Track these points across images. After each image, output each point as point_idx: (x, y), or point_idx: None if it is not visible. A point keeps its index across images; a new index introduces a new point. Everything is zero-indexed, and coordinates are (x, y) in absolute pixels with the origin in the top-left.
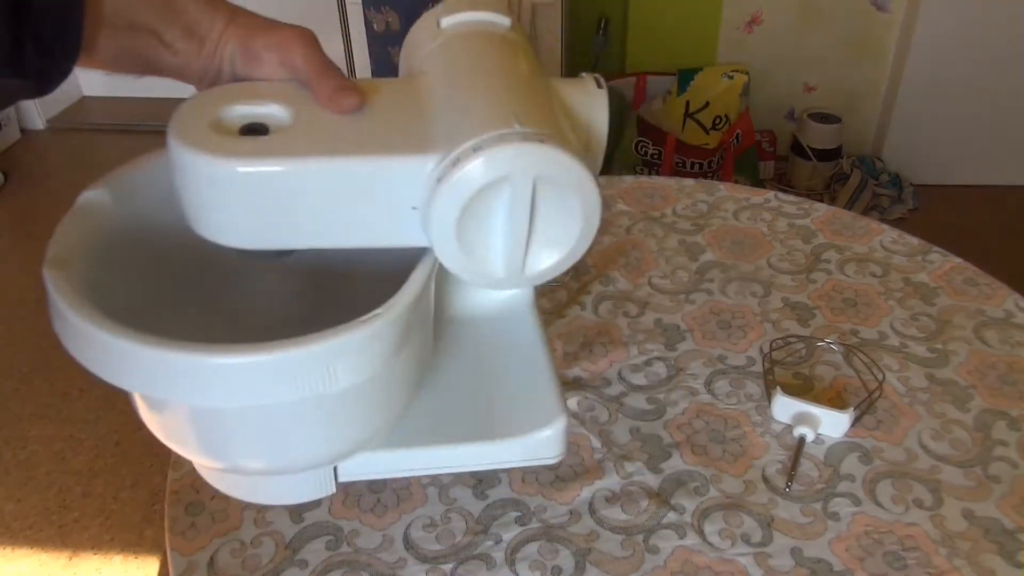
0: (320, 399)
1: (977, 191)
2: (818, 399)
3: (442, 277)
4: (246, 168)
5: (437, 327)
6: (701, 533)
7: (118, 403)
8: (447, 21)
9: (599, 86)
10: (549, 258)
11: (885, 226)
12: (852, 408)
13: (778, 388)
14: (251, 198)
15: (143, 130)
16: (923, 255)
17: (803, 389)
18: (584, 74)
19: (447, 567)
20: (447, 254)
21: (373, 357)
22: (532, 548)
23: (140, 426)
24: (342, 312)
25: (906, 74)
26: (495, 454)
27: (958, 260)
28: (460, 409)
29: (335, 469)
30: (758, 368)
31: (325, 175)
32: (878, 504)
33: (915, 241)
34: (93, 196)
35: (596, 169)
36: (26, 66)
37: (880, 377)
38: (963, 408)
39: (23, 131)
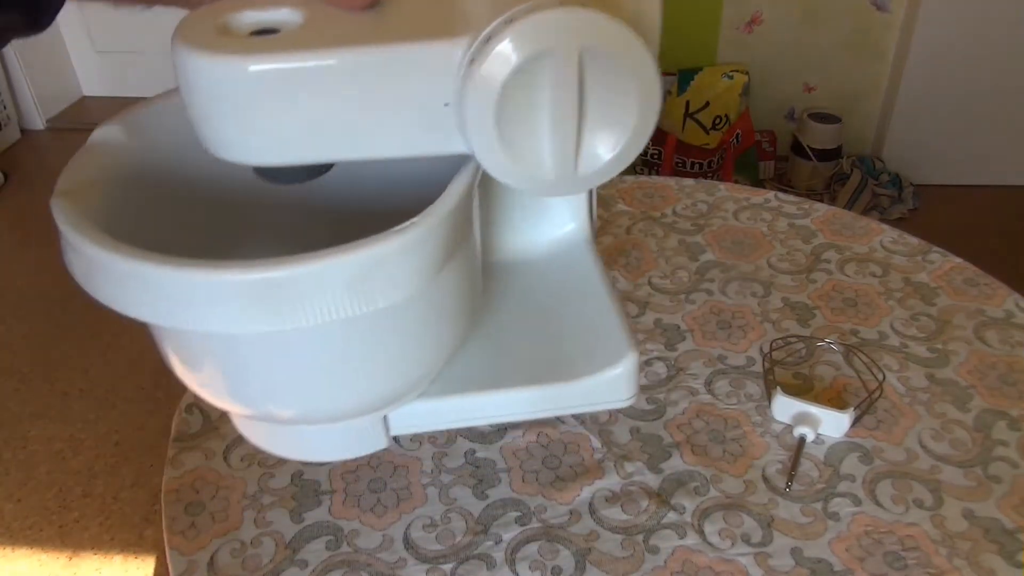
0: (356, 326)
1: (977, 191)
2: (818, 399)
3: (489, 213)
4: (257, 66)
5: (487, 271)
6: (701, 533)
7: (118, 403)
8: None
9: None
10: (604, 152)
11: (885, 226)
12: (852, 408)
13: (778, 388)
14: (264, 102)
15: None
16: (923, 255)
17: (803, 389)
18: None
19: (447, 567)
20: (488, 154)
21: (412, 272)
22: (532, 548)
23: (140, 426)
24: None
25: (906, 74)
26: (560, 398)
27: (958, 260)
28: (518, 351)
29: (385, 420)
30: (758, 368)
31: (343, 70)
32: (878, 504)
33: (915, 241)
34: (107, 132)
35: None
36: None
37: (880, 377)
38: (963, 408)
39: (23, 131)
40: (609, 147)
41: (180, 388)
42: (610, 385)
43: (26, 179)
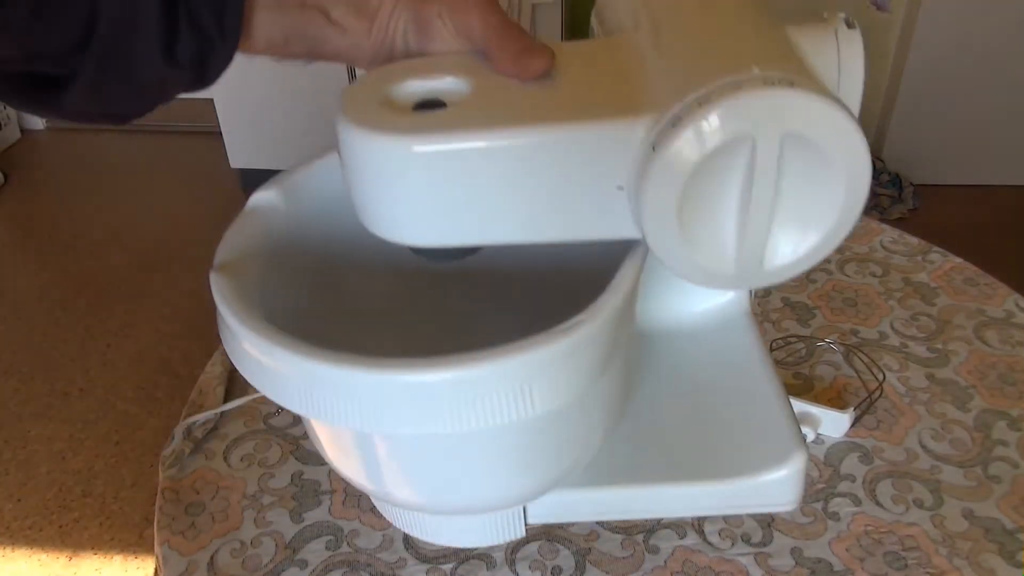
0: (508, 427)
1: (977, 191)
2: (818, 399)
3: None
4: (422, 147)
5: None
6: (701, 533)
7: (118, 403)
8: None
9: (849, 26)
10: (797, 246)
11: (885, 226)
12: (852, 408)
13: None
14: (428, 183)
15: (143, 130)
16: (923, 255)
17: (803, 389)
18: (827, 13)
19: (447, 567)
20: (664, 245)
21: (576, 376)
22: (532, 548)
23: (140, 426)
24: (523, 321)
25: (906, 74)
26: (715, 497)
27: (958, 260)
28: (668, 441)
29: (524, 509)
30: None
31: (512, 152)
32: (878, 504)
33: (915, 241)
34: (263, 197)
35: None
36: (182, 53)
37: (880, 377)
38: (963, 408)
39: (23, 131)
40: (804, 240)
41: (180, 388)
42: (773, 488)
43: (26, 179)
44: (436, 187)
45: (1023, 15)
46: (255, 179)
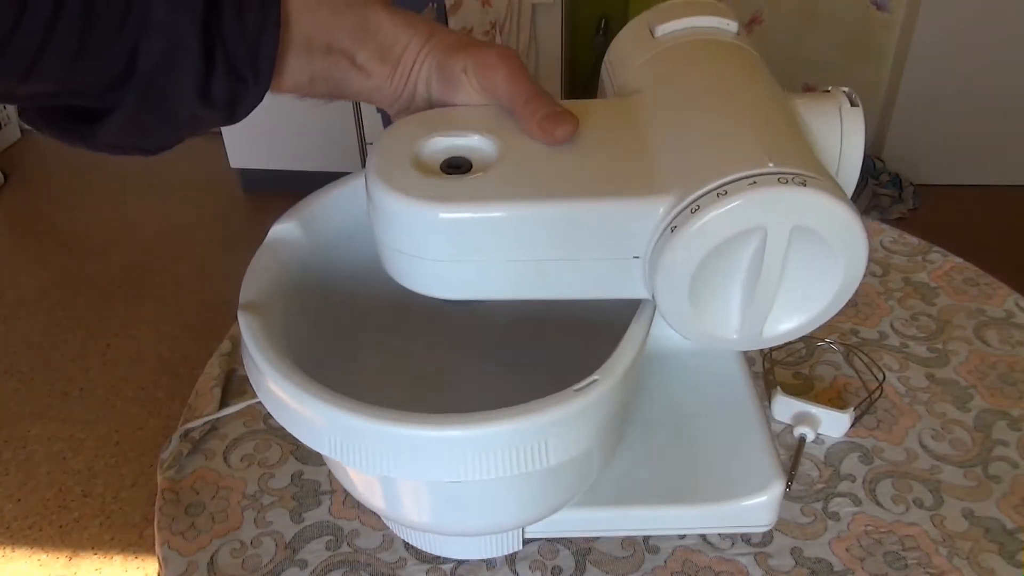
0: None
1: (977, 191)
2: (818, 399)
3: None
4: (448, 213)
5: None
6: (701, 533)
7: (118, 403)
8: (663, 29)
9: (852, 103)
10: (796, 319)
11: (885, 226)
12: (852, 408)
13: (778, 388)
14: (454, 245)
15: None
16: (923, 255)
17: (803, 389)
18: (832, 88)
19: (447, 567)
20: (673, 313)
21: (589, 431)
22: (532, 548)
23: (140, 426)
24: (535, 358)
25: (906, 74)
26: (699, 519)
27: (958, 260)
28: (657, 464)
29: (523, 528)
30: (758, 368)
31: (535, 220)
32: (878, 504)
33: (915, 241)
34: (282, 230)
35: None
36: (216, 92)
37: (880, 377)
38: (963, 408)
39: (23, 131)
40: (800, 315)
41: (180, 388)
42: (752, 512)
43: (26, 179)
44: (462, 250)
45: (1023, 15)
46: (255, 179)
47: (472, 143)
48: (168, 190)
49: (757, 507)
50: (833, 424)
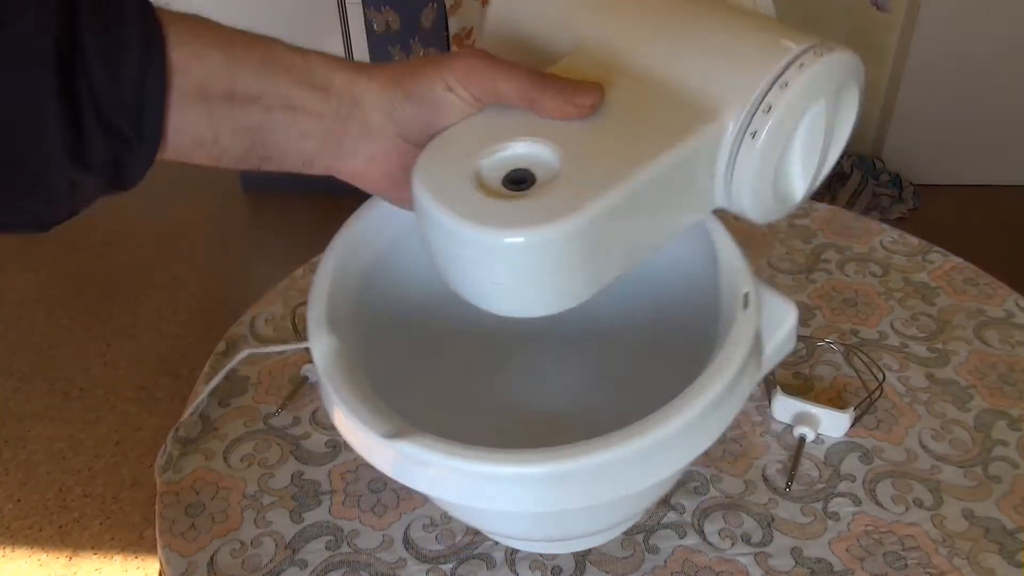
0: None
1: (977, 191)
2: (818, 399)
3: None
4: (534, 238)
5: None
6: (701, 533)
7: (118, 403)
8: None
9: None
10: (831, 160)
11: (885, 226)
12: (852, 408)
13: (778, 388)
14: (537, 266)
15: None
16: (923, 255)
17: (803, 389)
18: None
19: (447, 567)
20: (758, 200)
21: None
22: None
23: (140, 426)
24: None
25: (906, 74)
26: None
27: (958, 260)
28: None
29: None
30: None
31: (626, 206)
32: (878, 504)
33: (915, 241)
34: (342, 242)
35: None
36: (92, 157)
37: (880, 377)
38: (963, 408)
39: None
40: (835, 156)
41: (180, 388)
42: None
43: None
44: (546, 267)
45: (1022, 16)
46: (255, 179)
47: (530, 151)
48: (168, 190)
49: (786, 336)
50: (833, 424)
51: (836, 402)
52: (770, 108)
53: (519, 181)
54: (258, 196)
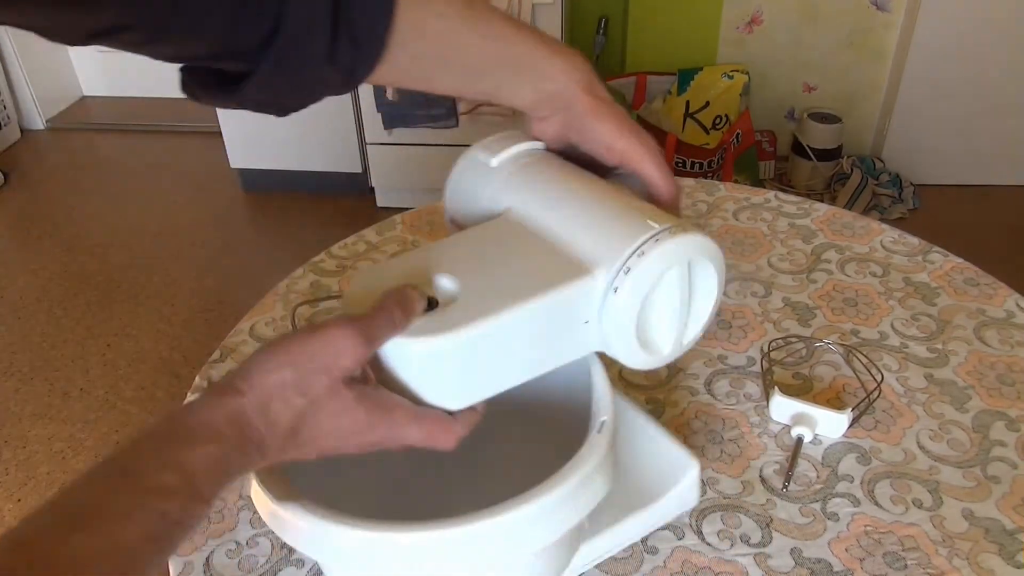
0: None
1: (977, 191)
2: (817, 399)
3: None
4: (444, 343)
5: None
6: (700, 533)
7: (118, 403)
8: (498, 159)
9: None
10: (697, 328)
11: (885, 226)
12: (850, 409)
13: (776, 388)
14: (456, 368)
15: (142, 130)
16: (923, 255)
17: (802, 389)
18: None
19: None
20: (624, 347)
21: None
22: None
23: (140, 426)
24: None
25: (906, 74)
26: (638, 524)
27: (958, 260)
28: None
29: None
30: (759, 368)
31: (512, 322)
32: (877, 504)
33: (915, 241)
34: None
35: None
36: (340, 59)
37: (879, 378)
38: (961, 408)
39: (23, 131)
40: (699, 324)
41: (180, 388)
42: (683, 496)
43: (26, 179)
44: (462, 368)
45: (1022, 15)
46: (255, 179)
47: (439, 284)
48: (168, 190)
49: (687, 490)
50: (831, 425)
51: (835, 403)
52: (629, 270)
53: (431, 305)
54: (258, 196)
